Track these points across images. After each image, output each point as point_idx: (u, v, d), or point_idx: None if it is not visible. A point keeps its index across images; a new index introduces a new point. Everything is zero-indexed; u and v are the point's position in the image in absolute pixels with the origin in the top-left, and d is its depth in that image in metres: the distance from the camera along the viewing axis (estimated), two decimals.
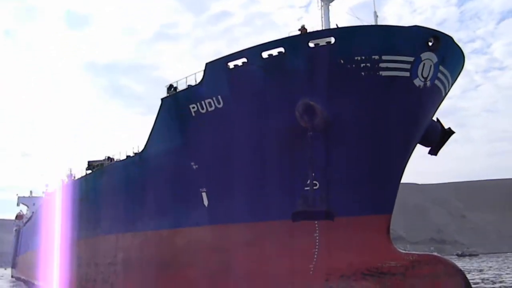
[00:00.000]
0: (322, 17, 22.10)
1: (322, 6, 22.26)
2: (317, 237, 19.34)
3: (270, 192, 20.08)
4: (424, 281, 16.59)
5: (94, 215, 28.86)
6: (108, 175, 27.29)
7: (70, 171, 45.37)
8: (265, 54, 18.66)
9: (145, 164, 24.08)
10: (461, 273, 16.70)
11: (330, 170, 18.58)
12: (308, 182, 18.11)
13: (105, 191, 27.31)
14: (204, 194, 22.14)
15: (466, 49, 20.36)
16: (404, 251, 18.74)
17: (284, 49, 18.26)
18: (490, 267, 65.10)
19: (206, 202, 22.03)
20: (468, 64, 21.21)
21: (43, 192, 76.18)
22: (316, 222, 19.36)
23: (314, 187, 18.81)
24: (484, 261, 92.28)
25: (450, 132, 21.52)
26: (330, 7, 22.25)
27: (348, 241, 18.57)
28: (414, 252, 18.84)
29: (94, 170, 29.19)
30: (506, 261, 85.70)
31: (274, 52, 18.53)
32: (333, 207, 18.66)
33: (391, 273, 17.40)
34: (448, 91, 20.34)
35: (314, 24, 21.37)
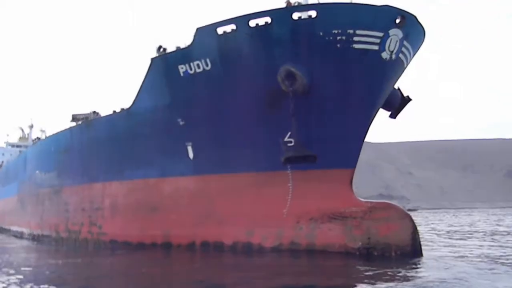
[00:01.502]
0: None
1: None
2: (290, 186, 22.40)
3: (251, 146, 22.66)
4: (379, 223, 19.95)
5: (80, 165, 30.45)
6: (95, 127, 28.75)
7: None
8: (252, 23, 20.64)
9: (133, 119, 25.81)
10: (409, 217, 20.18)
11: (305, 128, 21.34)
12: (289, 134, 20.77)
13: (91, 142, 28.84)
14: (189, 148, 24.46)
15: None
16: (363, 200, 22.02)
17: (271, 19, 20.34)
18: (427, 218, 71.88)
19: (191, 155, 24.39)
20: None
21: (4, 142, 75.41)
22: (289, 172, 22.36)
23: (289, 144, 21.70)
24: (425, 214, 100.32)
25: (408, 100, 24.63)
26: None
27: (317, 190, 21.60)
28: (371, 200, 22.21)
29: (78, 123, 30.54)
30: (445, 215, 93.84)
31: (261, 21, 20.59)
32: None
33: (352, 217, 20.70)
34: (409, 63, 23.24)
35: None
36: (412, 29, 21.48)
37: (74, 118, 31.03)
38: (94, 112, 29.99)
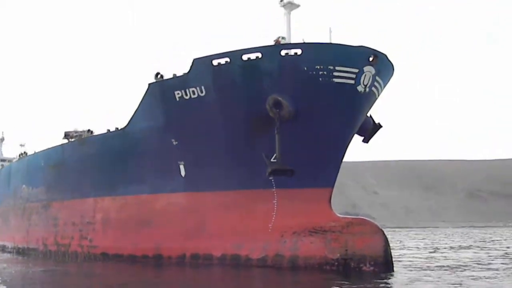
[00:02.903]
0: (285, 23, 27.31)
1: (285, 13, 27.38)
2: (275, 203, 24.72)
3: (239, 166, 24.93)
4: (356, 237, 22.50)
5: (71, 180, 31.74)
6: (88, 145, 30.26)
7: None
8: (245, 57, 23.19)
9: (127, 137, 27.58)
10: (382, 231, 22.84)
11: (289, 151, 23.75)
12: (274, 156, 23.05)
13: (84, 159, 30.30)
14: (181, 166, 26.48)
15: None
16: (341, 216, 24.56)
17: (261, 54, 22.93)
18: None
19: (183, 173, 26.40)
20: None
21: None
22: (274, 191, 24.72)
23: (273, 160, 23.95)
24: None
25: (379, 126, 27.52)
26: (291, 15, 27.48)
27: (299, 207, 23.99)
28: (348, 216, 24.78)
29: (71, 140, 31.97)
30: (409, 233, 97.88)
31: (252, 56, 23.15)
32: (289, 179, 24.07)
33: (331, 231, 23.14)
34: (380, 94, 26.23)
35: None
36: (383, 66, 24.47)
37: (67, 135, 32.44)
38: (88, 130, 31.55)
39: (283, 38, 26.52)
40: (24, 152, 40.05)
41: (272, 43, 23.88)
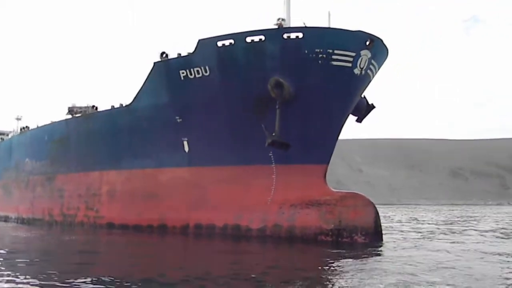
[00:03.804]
0: (285, 5, 28.43)
1: None
2: (274, 178, 26.39)
3: (240, 142, 26.41)
4: (348, 209, 24.35)
5: (76, 154, 32.95)
6: (94, 120, 31.40)
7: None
8: (248, 39, 24.41)
9: (133, 114, 28.80)
10: (372, 204, 24.75)
11: (288, 129, 25.32)
12: (276, 129, 24.47)
13: (89, 134, 31.47)
14: (185, 142, 27.89)
15: None
16: (335, 190, 26.37)
17: (264, 37, 24.17)
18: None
19: (186, 149, 27.85)
20: None
21: None
22: (273, 166, 26.35)
23: (273, 133, 25.38)
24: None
25: (372, 107, 29.15)
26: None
27: (296, 182, 25.64)
28: (342, 190, 26.62)
29: (75, 115, 33.03)
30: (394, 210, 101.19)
31: (256, 38, 24.38)
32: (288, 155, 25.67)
33: (326, 204, 24.93)
34: (374, 77, 27.77)
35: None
36: (378, 50, 25.92)
37: (70, 110, 33.46)
38: (93, 106, 32.60)
39: (283, 20, 27.73)
40: (26, 126, 40.88)
41: (272, 26, 25.05)
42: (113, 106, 30.71)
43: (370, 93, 29.32)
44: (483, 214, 70.24)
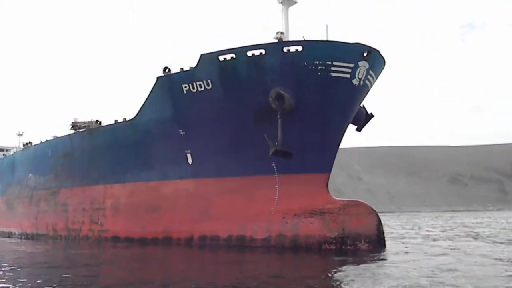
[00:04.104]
0: (283, 19, 29.13)
1: (283, 9, 29.18)
2: (277, 188, 26.78)
3: (243, 154, 26.84)
4: (351, 217, 24.74)
5: (80, 168, 33.32)
6: (97, 135, 31.84)
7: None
8: (249, 53, 24.98)
9: (137, 128, 29.24)
10: (375, 212, 25.15)
11: (290, 140, 25.78)
12: (278, 139, 24.91)
13: (93, 148, 31.89)
14: (188, 155, 28.32)
15: None
16: (338, 199, 26.76)
17: (265, 51, 24.75)
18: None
19: (190, 161, 28.28)
20: None
21: None
22: (276, 176, 26.75)
23: (276, 143, 25.82)
24: None
25: (371, 116, 29.70)
26: (289, 11, 29.30)
27: (299, 191, 26.02)
28: (344, 199, 27.01)
29: (79, 130, 33.46)
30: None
31: (257, 52, 24.96)
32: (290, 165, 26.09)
33: (329, 212, 25.32)
34: (372, 87, 28.34)
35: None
36: (375, 61, 26.52)
37: (74, 125, 33.89)
38: (97, 121, 33.07)
39: (282, 33, 28.39)
40: (29, 142, 41.26)
41: (271, 38, 25.73)
42: (117, 121, 31.19)
43: (368, 101, 29.90)
44: (484, 219, 70.52)
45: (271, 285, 14.81)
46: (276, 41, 25.81)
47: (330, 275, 16.71)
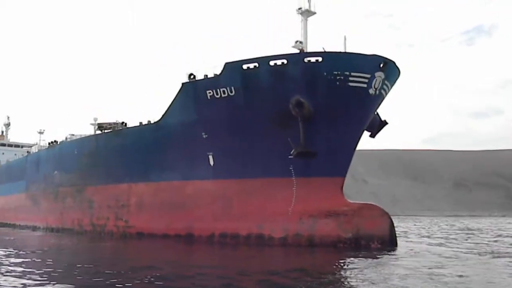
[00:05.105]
0: (302, 29, 30.74)
1: (302, 20, 30.78)
2: (295, 190, 28.36)
3: (263, 157, 28.45)
4: (365, 219, 26.29)
5: (105, 167, 35.05)
6: (123, 136, 33.56)
7: None
8: (272, 63, 26.61)
9: (161, 130, 30.91)
10: (387, 214, 26.72)
11: (307, 145, 27.35)
12: (301, 141, 26.45)
13: (119, 148, 33.58)
14: (210, 157, 29.96)
15: None
16: (352, 201, 28.32)
17: (287, 61, 26.37)
18: None
19: (212, 163, 29.90)
20: None
21: None
22: (294, 179, 28.33)
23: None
24: None
25: (385, 123, 31.23)
26: (308, 21, 30.89)
27: (315, 193, 27.64)
28: (359, 202, 28.56)
29: (104, 131, 35.22)
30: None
31: (279, 62, 26.59)
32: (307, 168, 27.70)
33: (344, 214, 26.91)
34: (387, 95, 29.87)
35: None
36: (391, 71, 28.09)
37: (100, 126, 35.64)
38: (122, 122, 34.79)
39: (300, 42, 30.03)
40: (55, 141, 43.02)
41: (289, 47, 27.45)
42: (141, 123, 32.86)
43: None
44: (489, 224, 71.78)
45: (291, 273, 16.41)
46: (297, 50, 27.41)
47: (345, 265, 18.43)
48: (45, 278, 14.71)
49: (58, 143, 42.15)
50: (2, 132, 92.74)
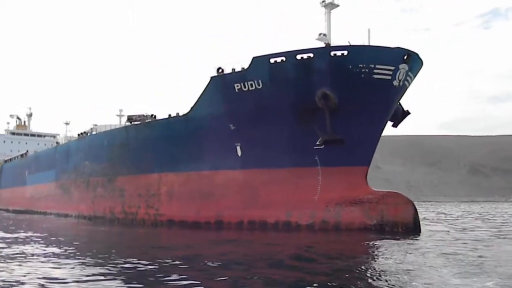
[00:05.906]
0: (326, 21, 31.49)
1: (325, 12, 31.51)
2: (320, 179, 29.43)
3: (289, 147, 29.52)
4: (390, 207, 27.34)
5: (136, 158, 36.44)
6: (153, 128, 34.85)
7: None
8: (298, 57, 27.50)
9: (190, 122, 32.08)
10: (411, 202, 27.69)
11: (334, 135, 28.32)
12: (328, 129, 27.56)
13: (149, 140, 34.94)
14: (238, 147, 31.11)
15: None
16: (376, 189, 29.31)
17: (313, 55, 27.23)
18: None
19: (239, 153, 31.06)
20: None
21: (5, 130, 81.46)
22: (319, 168, 29.38)
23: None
24: None
25: (407, 113, 31.97)
26: (331, 13, 31.60)
27: (340, 182, 28.71)
28: (383, 190, 29.55)
29: (134, 123, 36.56)
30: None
31: (305, 56, 27.46)
32: (332, 158, 28.76)
33: (368, 202, 27.97)
34: (410, 86, 30.56)
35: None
36: (414, 63, 28.78)
37: (130, 118, 36.98)
38: (152, 115, 36.07)
39: (324, 35, 30.84)
40: (84, 132, 44.57)
41: (312, 40, 28.31)
42: (170, 115, 34.07)
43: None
44: (506, 209, 72.09)
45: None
46: (321, 42, 28.25)
47: (372, 244, 19.68)
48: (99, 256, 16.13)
49: (88, 134, 43.70)
50: (25, 122, 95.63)
